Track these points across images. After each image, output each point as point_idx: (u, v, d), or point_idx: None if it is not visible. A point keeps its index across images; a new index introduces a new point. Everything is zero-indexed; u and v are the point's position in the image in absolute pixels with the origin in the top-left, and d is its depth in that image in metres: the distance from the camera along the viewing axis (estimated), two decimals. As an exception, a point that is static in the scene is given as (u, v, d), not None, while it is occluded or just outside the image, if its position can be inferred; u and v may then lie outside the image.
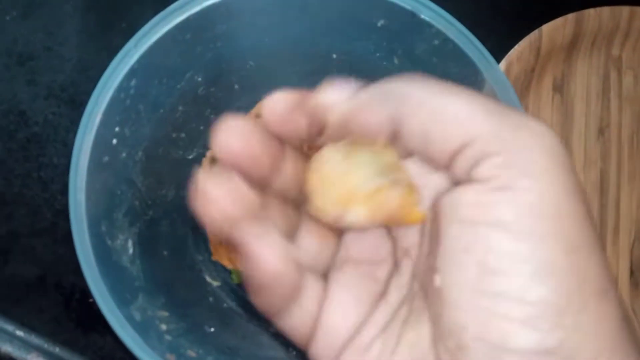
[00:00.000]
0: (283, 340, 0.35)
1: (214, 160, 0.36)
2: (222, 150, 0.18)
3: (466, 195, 0.16)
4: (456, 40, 0.30)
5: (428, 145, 0.17)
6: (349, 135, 0.18)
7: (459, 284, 0.16)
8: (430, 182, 0.18)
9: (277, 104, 0.19)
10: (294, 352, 0.35)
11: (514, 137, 0.16)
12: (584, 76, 0.40)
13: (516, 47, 0.38)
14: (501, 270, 0.15)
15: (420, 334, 0.17)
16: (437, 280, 0.17)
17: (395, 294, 0.19)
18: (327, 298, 0.19)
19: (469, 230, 0.16)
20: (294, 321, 0.20)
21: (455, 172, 0.17)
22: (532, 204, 0.15)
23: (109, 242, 0.29)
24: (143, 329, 0.27)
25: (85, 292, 0.37)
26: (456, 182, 0.17)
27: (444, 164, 0.17)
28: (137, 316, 0.28)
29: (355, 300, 0.19)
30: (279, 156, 0.20)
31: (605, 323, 0.15)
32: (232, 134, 0.18)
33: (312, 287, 0.20)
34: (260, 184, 0.19)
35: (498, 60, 0.37)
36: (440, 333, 0.17)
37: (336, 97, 0.18)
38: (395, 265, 0.19)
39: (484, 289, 0.15)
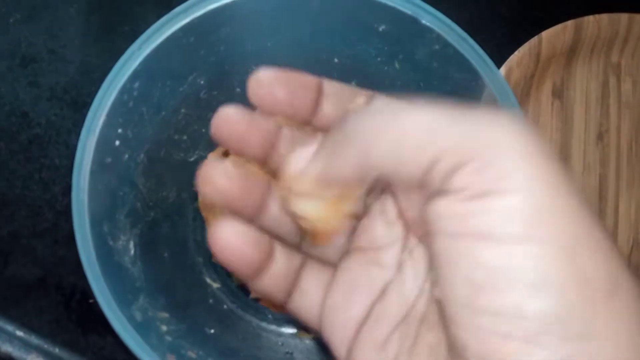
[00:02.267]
0: (282, 342, 0.36)
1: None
2: (208, 191, 0.20)
3: (443, 207, 0.15)
4: (456, 45, 0.30)
5: (400, 171, 0.16)
6: (332, 190, 0.18)
7: (454, 300, 0.15)
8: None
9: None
10: (292, 354, 0.35)
11: (483, 140, 0.15)
12: (584, 82, 0.41)
13: (516, 53, 0.38)
14: (492, 285, 0.14)
15: (440, 338, 0.17)
16: (436, 292, 0.16)
17: (410, 284, 0.19)
18: (333, 282, 0.20)
19: (452, 244, 0.15)
20: (297, 303, 0.21)
21: (432, 190, 0.16)
22: (515, 207, 0.14)
23: (111, 243, 0.29)
24: (144, 329, 0.27)
25: (86, 293, 0.37)
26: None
27: (421, 186, 0.16)
28: (138, 317, 0.28)
29: (359, 283, 0.19)
30: (265, 192, 0.21)
31: (622, 325, 0.14)
32: (217, 175, 0.20)
33: (311, 276, 0.21)
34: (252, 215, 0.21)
35: (498, 66, 0.37)
36: (449, 345, 0.16)
37: (300, 164, 0.18)
38: (409, 253, 0.19)
39: (478, 306, 0.14)
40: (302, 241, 0.21)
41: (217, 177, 0.20)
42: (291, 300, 0.21)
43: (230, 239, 0.20)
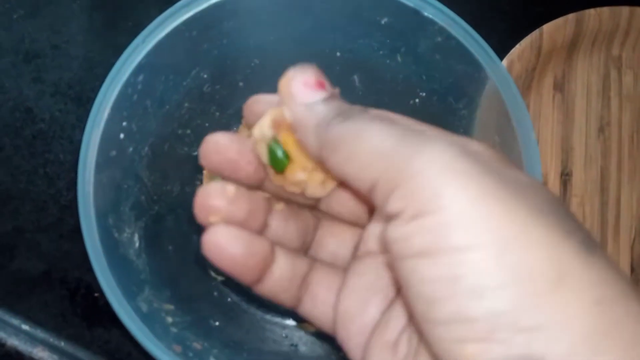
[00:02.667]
0: (286, 335, 0.36)
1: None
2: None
3: (391, 231, 0.16)
4: (459, 38, 0.30)
5: (354, 183, 0.17)
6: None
7: (416, 316, 0.16)
8: None
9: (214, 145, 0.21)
10: (296, 347, 0.35)
11: (410, 164, 0.15)
12: (585, 75, 0.41)
13: (517, 46, 0.38)
14: (438, 297, 0.15)
15: None
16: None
17: None
18: (344, 287, 0.20)
19: (402, 265, 0.16)
20: (308, 308, 0.21)
21: (382, 213, 0.17)
22: (446, 222, 0.15)
23: (116, 235, 0.30)
24: (149, 320, 0.28)
25: (91, 287, 0.37)
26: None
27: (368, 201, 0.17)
28: (144, 308, 0.28)
29: (372, 287, 0.20)
30: (266, 212, 0.22)
31: (573, 312, 0.14)
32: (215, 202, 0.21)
33: (321, 280, 0.21)
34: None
35: (499, 59, 0.37)
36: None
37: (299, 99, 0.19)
38: None
39: (432, 319, 0.15)
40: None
41: (216, 204, 0.20)
42: (302, 305, 0.22)
43: (224, 245, 0.20)
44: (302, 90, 0.18)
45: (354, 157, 0.17)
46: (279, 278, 0.21)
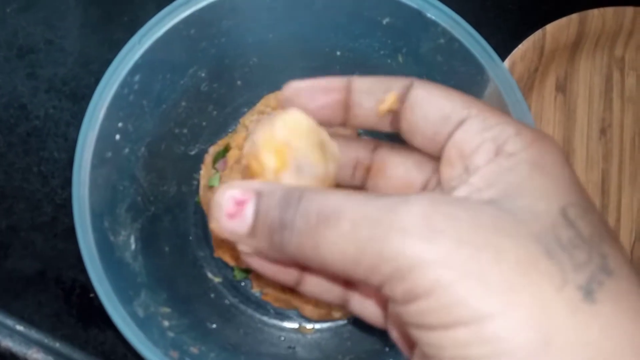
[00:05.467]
0: (284, 337, 0.35)
1: (216, 157, 0.36)
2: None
3: (405, 314, 0.16)
4: (462, 40, 0.30)
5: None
6: None
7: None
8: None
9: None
10: (294, 349, 0.35)
11: (400, 258, 0.16)
12: (587, 76, 0.40)
13: (520, 46, 0.38)
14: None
15: None
16: None
17: None
18: None
19: (419, 335, 0.16)
20: (356, 307, 0.22)
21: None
22: (437, 302, 0.15)
23: (112, 238, 0.29)
24: (146, 325, 0.27)
25: (86, 287, 0.36)
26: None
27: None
28: (140, 313, 0.28)
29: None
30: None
31: (528, 299, 0.14)
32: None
33: None
34: None
35: (501, 60, 0.37)
36: None
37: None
38: None
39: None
40: None
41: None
42: (351, 306, 0.22)
43: (263, 264, 0.20)
44: (226, 221, 0.18)
45: (341, 248, 0.16)
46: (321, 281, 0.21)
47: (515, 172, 0.16)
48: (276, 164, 0.19)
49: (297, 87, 0.21)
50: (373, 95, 0.21)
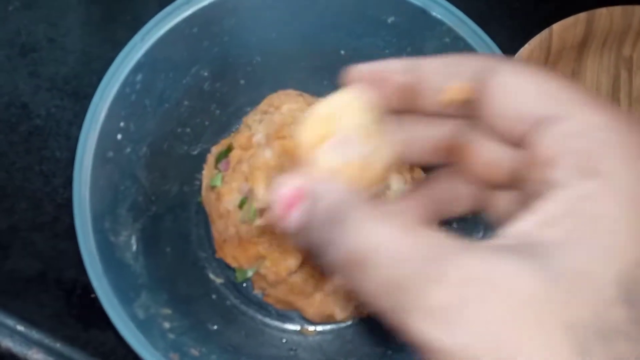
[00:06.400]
0: (286, 339, 0.35)
1: (219, 157, 0.35)
2: None
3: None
4: (467, 38, 0.29)
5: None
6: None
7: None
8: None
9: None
10: (295, 351, 0.35)
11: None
12: (594, 76, 0.40)
13: (526, 45, 0.37)
14: None
15: None
16: None
17: None
18: None
19: None
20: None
21: None
22: None
23: (113, 239, 0.29)
24: (146, 327, 0.27)
25: (87, 288, 0.36)
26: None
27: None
28: (141, 314, 0.28)
29: None
30: None
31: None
32: None
33: None
34: None
35: (508, 59, 0.36)
36: None
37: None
38: None
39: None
40: None
41: None
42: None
43: None
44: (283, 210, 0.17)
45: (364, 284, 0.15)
46: None
47: (598, 205, 0.13)
48: (321, 131, 0.19)
49: (360, 70, 0.20)
50: (443, 79, 0.19)
